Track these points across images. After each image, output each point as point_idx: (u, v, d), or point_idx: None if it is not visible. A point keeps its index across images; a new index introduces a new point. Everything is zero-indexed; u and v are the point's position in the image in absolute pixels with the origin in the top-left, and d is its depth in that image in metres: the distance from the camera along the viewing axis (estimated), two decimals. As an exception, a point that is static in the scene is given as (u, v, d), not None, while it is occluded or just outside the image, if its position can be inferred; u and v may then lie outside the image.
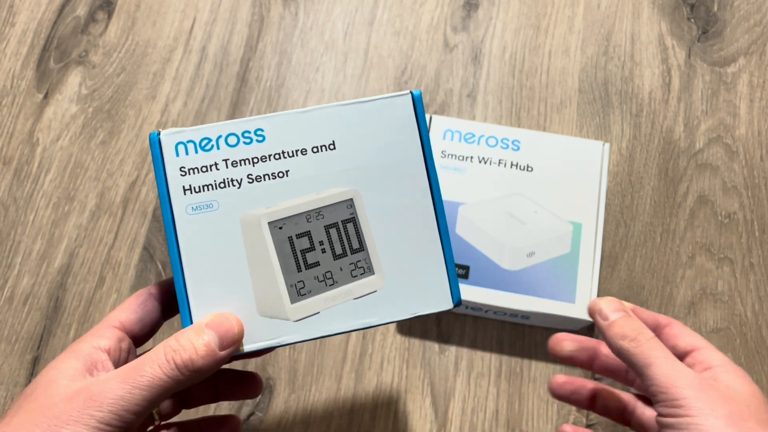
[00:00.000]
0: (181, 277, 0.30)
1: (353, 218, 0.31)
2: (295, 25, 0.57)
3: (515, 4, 0.57)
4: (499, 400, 0.47)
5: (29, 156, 0.53)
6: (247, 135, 0.31)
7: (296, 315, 0.30)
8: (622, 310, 0.32)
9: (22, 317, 0.49)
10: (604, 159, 0.48)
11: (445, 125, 0.49)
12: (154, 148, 0.30)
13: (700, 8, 0.56)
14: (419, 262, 0.31)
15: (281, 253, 0.30)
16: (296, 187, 0.30)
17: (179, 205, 0.30)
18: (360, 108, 0.31)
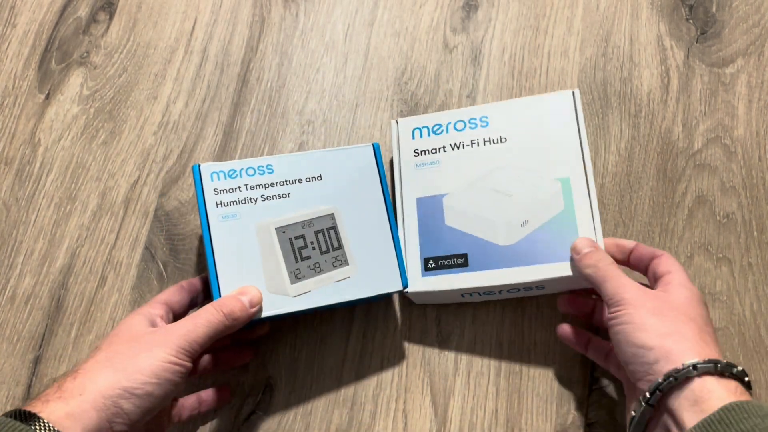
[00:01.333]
0: (213, 265, 0.42)
1: (334, 227, 0.44)
2: (296, 26, 0.57)
3: (514, 6, 0.57)
4: (498, 399, 0.47)
5: (31, 156, 0.53)
6: (261, 168, 0.44)
7: (295, 292, 0.43)
8: (592, 246, 0.42)
9: (24, 317, 0.49)
10: (577, 106, 0.46)
11: (411, 125, 0.49)
12: (195, 175, 0.43)
13: (699, 9, 0.56)
14: (379, 257, 0.45)
15: (284, 249, 0.43)
16: (295, 205, 0.44)
17: (213, 215, 0.42)
18: (339, 153, 0.46)
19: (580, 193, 0.44)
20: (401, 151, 0.48)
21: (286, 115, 0.54)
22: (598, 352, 0.44)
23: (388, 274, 0.44)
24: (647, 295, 0.38)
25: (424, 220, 0.46)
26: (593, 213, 0.44)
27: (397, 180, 0.48)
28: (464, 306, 0.49)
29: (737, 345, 0.47)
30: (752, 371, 0.47)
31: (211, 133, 0.54)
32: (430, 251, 0.45)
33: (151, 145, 0.53)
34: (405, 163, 0.48)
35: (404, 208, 0.47)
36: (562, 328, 0.45)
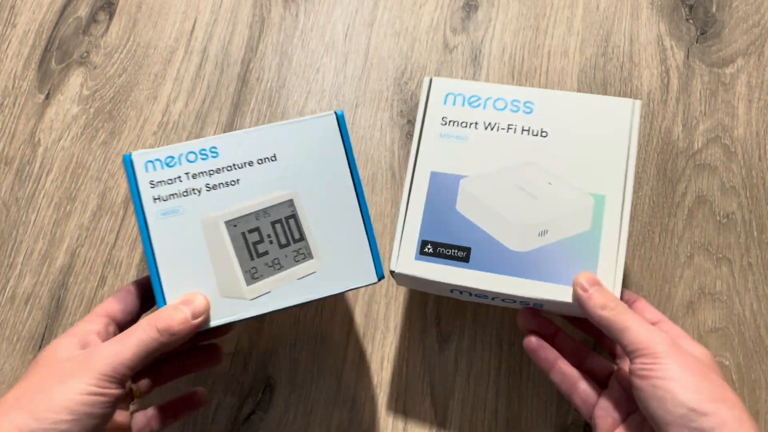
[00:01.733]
0: (155, 270, 0.36)
1: (294, 215, 0.38)
2: (296, 27, 0.57)
3: (514, 6, 0.57)
4: (498, 400, 0.47)
5: (31, 156, 0.53)
6: (204, 152, 0.38)
7: (252, 294, 0.37)
8: (598, 284, 0.38)
9: (24, 317, 0.49)
10: (634, 120, 0.41)
11: (446, 88, 0.43)
12: (127, 166, 0.37)
13: (699, 9, 0.56)
14: (348, 247, 0.38)
15: (237, 245, 0.37)
16: (246, 192, 0.38)
17: (151, 211, 0.37)
18: (295, 126, 0.39)
19: (612, 217, 0.40)
20: (428, 113, 0.43)
21: (286, 115, 0.54)
22: (564, 378, 0.41)
23: (360, 266, 0.38)
24: (680, 350, 0.35)
25: (433, 198, 0.41)
26: (620, 242, 0.39)
27: (414, 145, 0.43)
28: (464, 306, 0.49)
29: (737, 345, 0.47)
30: (752, 371, 0.47)
31: (211, 133, 0.54)
32: (431, 234, 0.41)
33: (151, 145, 0.53)
34: (428, 129, 0.43)
35: (414, 179, 0.42)
36: (529, 341, 0.41)
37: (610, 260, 0.39)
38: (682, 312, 0.48)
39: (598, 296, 0.37)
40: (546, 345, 0.41)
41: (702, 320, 0.48)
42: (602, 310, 0.36)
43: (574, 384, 0.40)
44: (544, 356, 0.41)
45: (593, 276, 0.38)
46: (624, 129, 0.41)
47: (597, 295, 0.37)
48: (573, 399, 0.40)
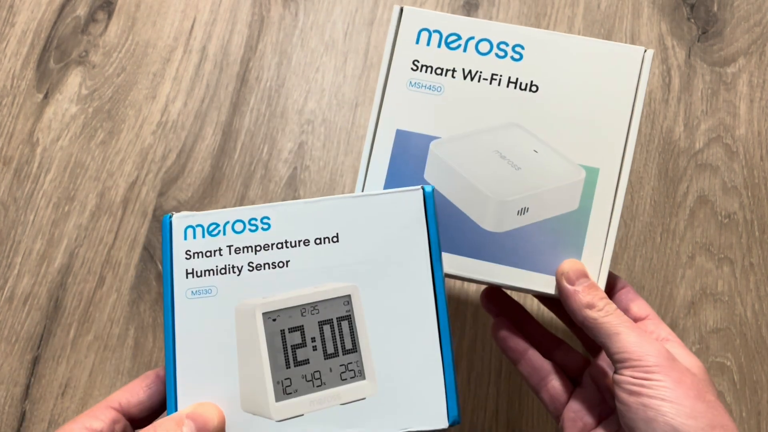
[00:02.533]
0: (172, 362, 0.30)
1: (349, 316, 0.30)
2: (295, 26, 0.57)
3: (515, 4, 0.57)
4: (499, 400, 0.47)
5: (29, 156, 0.53)
6: (254, 222, 0.31)
7: (280, 415, 0.29)
8: (585, 276, 0.33)
9: (22, 317, 0.49)
10: (643, 74, 0.34)
11: (420, 22, 0.35)
12: (164, 230, 0.31)
13: (700, 8, 0.56)
14: (415, 371, 0.30)
15: (272, 346, 0.30)
16: (295, 278, 0.30)
17: (180, 288, 0.30)
18: (367, 201, 0.31)
19: (604, 196, 0.34)
20: (396, 54, 0.35)
21: (286, 115, 0.54)
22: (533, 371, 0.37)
23: (426, 402, 0.29)
24: (675, 364, 0.30)
25: (397, 162, 0.35)
26: (610, 227, 0.34)
27: (378, 94, 0.35)
28: (465, 306, 0.49)
29: (739, 345, 0.47)
30: (753, 372, 0.46)
31: (210, 132, 0.54)
32: None
33: (150, 144, 0.53)
34: (396, 74, 0.35)
35: (376, 138, 0.35)
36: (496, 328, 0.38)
37: (597, 246, 0.34)
38: (684, 312, 0.48)
39: (585, 292, 0.32)
40: (515, 333, 0.37)
41: (703, 320, 0.48)
42: (589, 309, 0.32)
43: (544, 378, 0.36)
44: (512, 346, 0.37)
45: (580, 266, 0.33)
46: (629, 85, 0.34)
47: (583, 291, 0.32)
48: (541, 395, 0.37)
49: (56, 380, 0.47)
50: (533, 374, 0.37)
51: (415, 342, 0.30)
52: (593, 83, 0.35)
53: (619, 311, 0.32)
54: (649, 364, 0.30)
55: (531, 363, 0.37)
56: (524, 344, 0.37)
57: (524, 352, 0.37)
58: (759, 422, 0.46)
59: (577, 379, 0.38)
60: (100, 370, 0.47)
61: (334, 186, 0.52)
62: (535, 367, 0.37)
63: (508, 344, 0.37)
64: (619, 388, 0.31)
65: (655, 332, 0.34)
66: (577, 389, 0.36)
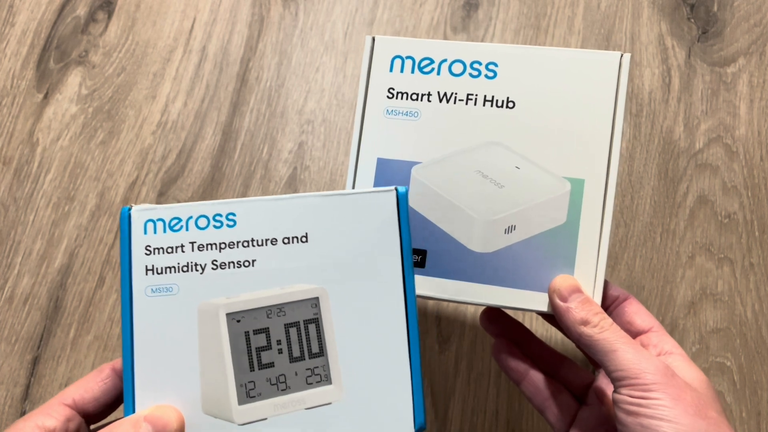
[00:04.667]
0: (130, 361, 0.29)
1: (316, 319, 0.29)
2: (295, 26, 0.57)
3: (515, 5, 0.57)
4: (499, 401, 0.47)
5: (29, 156, 0.53)
6: (219, 218, 0.30)
7: (243, 418, 0.28)
8: (578, 291, 0.32)
9: (22, 317, 0.49)
10: (621, 79, 0.34)
11: (392, 49, 0.36)
12: (123, 223, 0.29)
13: (700, 8, 0.56)
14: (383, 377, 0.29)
15: (235, 348, 0.29)
16: (261, 279, 0.29)
17: (139, 285, 0.29)
18: (339, 200, 0.30)
19: (592, 206, 0.33)
20: (371, 84, 0.36)
21: (286, 115, 0.54)
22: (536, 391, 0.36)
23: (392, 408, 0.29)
24: (675, 381, 0.29)
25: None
26: (602, 238, 0.33)
27: (356, 125, 0.35)
28: (464, 307, 0.49)
29: (739, 346, 0.47)
30: (754, 372, 0.46)
31: (210, 132, 0.54)
32: None
33: (150, 144, 0.53)
34: (372, 104, 0.35)
35: (358, 167, 0.35)
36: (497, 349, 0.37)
37: (589, 259, 0.33)
38: (684, 312, 0.48)
39: (579, 308, 0.31)
40: (516, 353, 0.37)
41: (703, 321, 0.48)
42: (583, 326, 0.31)
43: (548, 398, 0.36)
44: (514, 366, 0.36)
45: (573, 281, 0.32)
46: (608, 92, 0.33)
47: (577, 307, 0.31)
48: (546, 415, 0.36)
49: (56, 380, 0.47)
50: (537, 395, 0.36)
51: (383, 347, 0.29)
52: (571, 94, 0.34)
53: (615, 326, 0.31)
54: (646, 381, 0.29)
55: (534, 383, 0.36)
56: (525, 365, 0.36)
57: (526, 373, 0.36)
58: (759, 422, 0.46)
59: (582, 396, 0.37)
60: (100, 371, 0.47)
61: (334, 186, 0.52)
62: (538, 387, 0.36)
63: (509, 365, 0.37)
64: (618, 408, 0.30)
65: (659, 345, 0.33)
66: (582, 407, 0.36)
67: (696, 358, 0.47)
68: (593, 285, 0.33)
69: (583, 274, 0.33)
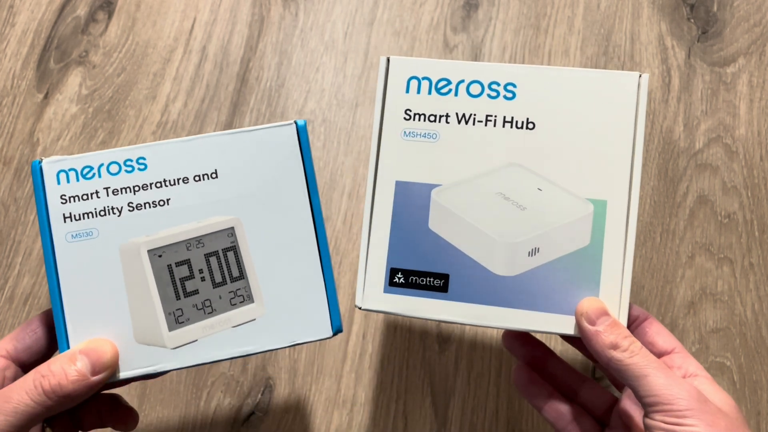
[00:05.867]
0: (59, 303, 0.30)
1: (234, 247, 0.32)
2: (295, 26, 0.57)
3: (515, 5, 0.57)
4: (499, 400, 0.47)
5: (30, 156, 0.53)
6: (129, 163, 0.31)
7: (174, 342, 0.31)
8: (606, 314, 0.31)
9: (23, 317, 0.49)
10: (641, 100, 0.33)
11: (408, 70, 0.35)
12: (35, 176, 0.31)
13: (700, 8, 0.56)
14: (300, 290, 0.31)
15: (160, 281, 0.31)
16: (177, 216, 0.31)
17: (59, 232, 0.31)
18: (243, 137, 0.32)
19: (615, 227, 0.33)
20: (387, 106, 0.35)
21: (286, 115, 0.54)
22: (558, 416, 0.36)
23: (311, 316, 0.32)
24: (708, 406, 0.29)
25: (400, 214, 0.34)
26: (626, 258, 0.33)
27: (373, 148, 0.35)
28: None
29: (738, 346, 0.47)
30: (753, 372, 0.46)
31: (210, 132, 0.54)
32: (401, 261, 0.34)
33: (150, 144, 0.53)
34: (389, 126, 0.35)
35: (376, 192, 0.34)
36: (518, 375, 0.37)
37: (614, 281, 0.33)
38: (684, 312, 0.48)
39: (608, 332, 0.31)
40: (536, 379, 0.37)
41: (703, 321, 0.48)
42: (613, 350, 0.30)
43: (570, 423, 0.36)
44: (535, 392, 0.36)
45: (600, 304, 0.32)
46: (628, 112, 0.33)
47: (606, 331, 0.31)
48: None
49: (56, 380, 0.47)
50: (559, 419, 0.36)
51: (298, 264, 0.32)
52: (591, 114, 0.34)
53: (645, 350, 0.31)
54: (681, 408, 0.29)
55: (556, 408, 0.36)
56: (547, 390, 0.36)
57: (547, 398, 0.36)
58: (759, 422, 0.46)
59: (603, 419, 0.37)
60: (101, 370, 0.47)
61: (334, 186, 0.52)
62: (560, 412, 0.36)
63: (530, 392, 0.37)
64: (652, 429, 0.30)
65: (683, 367, 0.33)
66: (605, 431, 0.36)
67: (696, 358, 0.47)
68: (618, 307, 0.33)
69: (608, 296, 0.33)
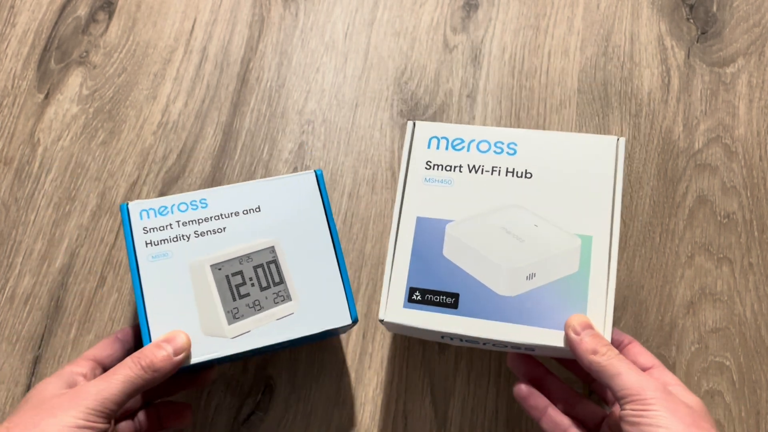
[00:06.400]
0: (143, 310, 0.39)
1: (274, 260, 0.42)
2: (296, 26, 0.57)
3: (515, 5, 0.57)
4: (498, 400, 0.47)
5: (30, 156, 0.53)
6: (194, 203, 0.42)
7: (233, 333, 0.40)
8: (590, 327, 0.37)
9: (23, 317, 0.49)
10: (619, 157, 0.41)
11: (429, 132, 0.43)
12: (123, 214, 0.41)
13: (700, 9, 0.56)
14: (324, 290, 0.41)
15: (220, 287, 0.40)
16: (231, 239, 0.42)
17: (142, 255, 0.40)
18: (278, 182, 0.43)
19: (599, 258, 0.39)
20: (412, 158, 0.43)
21: (286, 115, 0.54)
22: (555, 426, 0.40)
23: (335, 309, 0.41)
24: (671, 397, 0.34)
25: (419, 243, 0.41)
26: (609, 284, 0.39)
27: (399, 190, 0.43)
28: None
29: (738, 345, 0.47)
30: (753, 372, 0.47)
31: (210, 133, 0.54)
32: (419, 281, 0.40)
33: (151, 144, 0.53)
34: (413, 174, 0.43)
35: (400, 225, 0.42)
36: (519, 389, 0.41)
37: (599, 302, 0.39)
38: (683, 312, 0.48)
39: (590, 340, 0.36)
40: (536, 393, 0.40)
41: (703, 320, 0.48)
42: (593, 355, 0.36)
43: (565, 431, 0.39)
44: (534, 404, 0.40)
45: (586, 319, 0.38)
46: (608, 167, 0.41)
47: (588, 340, 0.36)
48: None
49: (57, 380, 0.47)
50: (555, 429, 0.39)
51: (322, 271, 0.42)
52: (578, 168, 0.41)
53: (620, 355, 0.36)
54: (647, 397, 0.33)
55: (552, 419, 0.40)
56: (545, 402, 0.40)
57: (545, 409, 0.40)
58: (758, 421, 0.46)
59: (595, 430, 0.41)
60: (101, 370, 0.47)
61: (334, 186, 0.52)
62: (555, 422, 0.39)
63: (530, 403, 0.40)
64: (624, 422, 0.34)
65: (660, 378, 0.37)
66: None
67: (695, 358, 0.47)
68: (603, 324, 0.38)
69: (594, 315, 0.38)
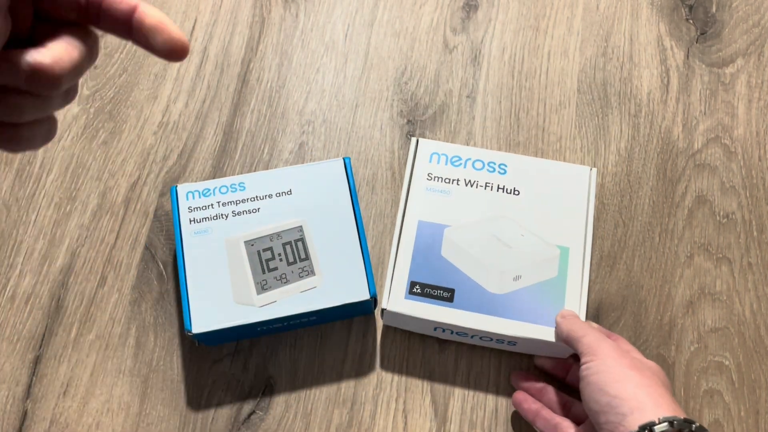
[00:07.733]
0: (183, 276, 0.45)
1: (302, 238, 0.46)
2: (296, 27, 0.57)
3: (514, 6, 0.57)
4: (498, 399, 0.47)
5: (31, 156, 0.53)
6: (234, 186, 0.47)
7: (261, 302, 0.44)
8: (572, 315, 0.44)
9: (24, 317, 0.49)
10: (591, 184, 0.48)
11: (431, 148, 0.49)
12: (172, 196, 0.47)
13: (699, 9, 0.56)
14: (347, 267, 0.45)
15: (252, 261, 0.45)
16: (265, 219, 0.46)
17: (186, 230, 0.46)
18: (309, 168, 0.48)
19: (575, 266, 0.46)
20: (415, 170, 0.49)
21: (286, 115, 0.54)
22: (546, 423, 0.43)
23: (355, 285, 0.44)
24: (621, 352, 0.39)
25: (420, 243, 0.46)
26: (582, 288, 0.45)
27: (403, 196, 0.48)
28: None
29: (737, 345, 0.47)
30: (752, 371, 0.47)
31: (211, 133, 0.54)
32: (419, 276, 0.45)
33: (151, 145, 0.53)
34: (416, 183, 0.48)
35: (404, 227, 0.47)
36: (515, 396, 0.45)
37: (574, 303, 0.45)
38: (682, 312, 0.48)
39: (568, 321, 0.42)
40: (530, 398, 0.44)
41: (702, 320, 0.48)
42: (563, 319, 0.43)
43: (556, 426, 0.42)
44: (527, 407, 0.44)
45: (571, 311, 0.44)
46: (583, 191, 0.48)
47: (566, 321, 0.43)
48: None
49: (58, 379, 0.47)
50: (546, 426, 0.43)
51: (345, 250, 0.46)
52: (559, 189, 0.48)
53: (585, 323, 0.42)
54: (597, 351, 0.39)
55: (545, 417, 0.43)
56: (538, 405, 0.44)
57: (538, 411, 0.43)
58: (757, 421, 0.46)
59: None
60: (102, 370, 0.47)
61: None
62: (548, 419, 0.43)
63: (524, 406, 0.44)
64: (580, 380, 0.39)
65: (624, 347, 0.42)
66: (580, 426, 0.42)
67: (694, 358, 0.47)
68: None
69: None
